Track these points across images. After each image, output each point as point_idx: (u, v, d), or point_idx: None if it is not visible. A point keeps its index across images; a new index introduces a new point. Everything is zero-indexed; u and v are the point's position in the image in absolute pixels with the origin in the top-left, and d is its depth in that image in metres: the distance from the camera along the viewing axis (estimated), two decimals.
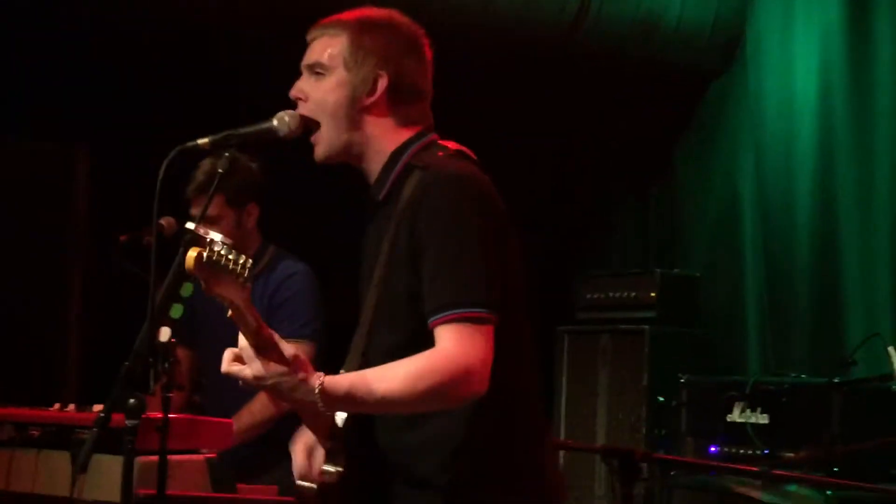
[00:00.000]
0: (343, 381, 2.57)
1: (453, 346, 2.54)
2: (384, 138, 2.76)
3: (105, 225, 4.58)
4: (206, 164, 4.31)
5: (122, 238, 4.06)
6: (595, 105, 6.32)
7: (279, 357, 2.54)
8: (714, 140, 6.30)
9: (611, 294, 5.89)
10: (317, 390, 2.53)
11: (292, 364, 2.54)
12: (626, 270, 6.03)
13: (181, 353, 4.42)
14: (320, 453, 2.74)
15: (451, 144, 2.78)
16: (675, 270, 6.00)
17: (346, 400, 2.56)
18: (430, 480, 2.65)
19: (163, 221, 3.84)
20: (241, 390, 4.42)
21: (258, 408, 4.23)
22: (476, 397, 2.57)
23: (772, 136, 5.93)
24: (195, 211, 4.25)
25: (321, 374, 2.57)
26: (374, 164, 2.77)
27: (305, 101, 2.77)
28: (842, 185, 5.61)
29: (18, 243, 5.69)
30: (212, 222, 4.16)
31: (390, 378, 2.55)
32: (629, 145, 6.52)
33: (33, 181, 5.80)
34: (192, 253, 2.46)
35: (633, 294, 5.82)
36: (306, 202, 6.27)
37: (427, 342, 2.59)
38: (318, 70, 2.76)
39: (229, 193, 4.31)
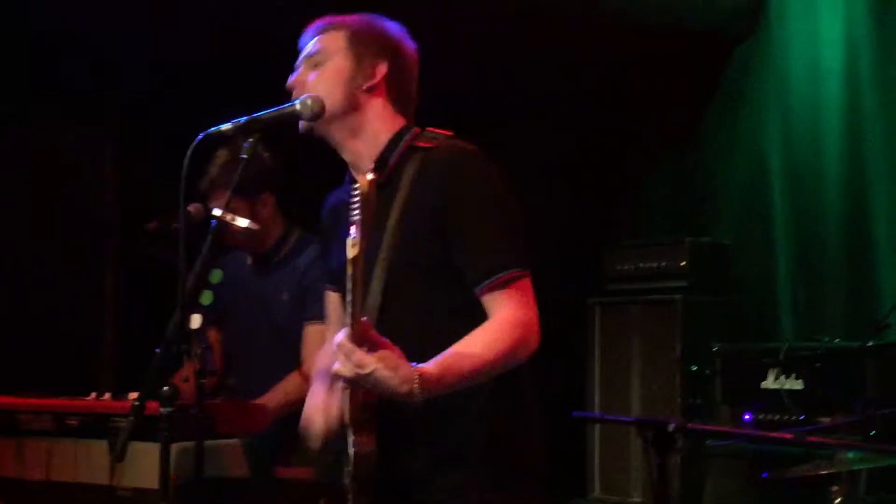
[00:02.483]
0: (434, 368, 2.62)
1: (515, 307, 2.70)
2: (381, 123, 2.86)
3: (137, 213, 4.59)
4: (220, 155, 4.31)
5: (151, 225, 4.07)
6: (619, 73, 6.29)
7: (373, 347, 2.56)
8: (740, 106, 6.25)
9: (641, 265, 5.86)
10: (417, 381, 2.58)
11: (387, 354, 2.57)
12: (656, 240, 6.00)
13: (213, 336, 4.44)
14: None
15: (441, 132, 2.87)
16: (706, 239, 5.97)
17: (442, 384, 2.62)
18: (454, 447, 2.73)
19: (190, 208, 3.85)
20: (268, 371, 4.42)
21: (291, 386, 4.24)
22: (536, 348, 2.73)
23: (799, 99, 5.88)
24: (212, 203, 4.25)
25: (412, 364, 2.61)
26: (367, 146, 2.85)
27: (301, 88, 2.84)
28: (870, 147, 5.55)
29: (51, 232, 5.71)
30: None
31: (474, 354, 2.66)
32: (654, 113, 6.48)
33: (64, 166, 5.81)
34: (369, 177, 2.49)
35: (664, 264, 5.79)
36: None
37: (456, 306, 2.70)
38: (316, 60, 2.86)
39: (238, 184, 4.29)
